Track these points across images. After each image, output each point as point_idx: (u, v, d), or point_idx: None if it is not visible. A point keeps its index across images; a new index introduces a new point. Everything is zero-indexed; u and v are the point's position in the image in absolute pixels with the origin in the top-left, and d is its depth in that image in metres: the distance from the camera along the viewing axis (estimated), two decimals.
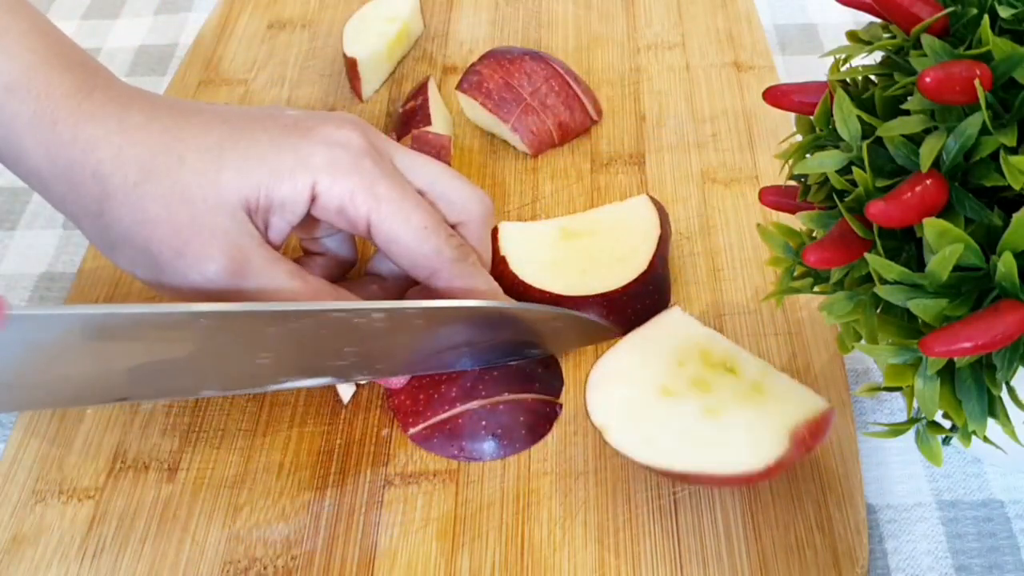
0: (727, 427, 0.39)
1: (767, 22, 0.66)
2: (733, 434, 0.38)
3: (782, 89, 0.37)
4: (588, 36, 0.64)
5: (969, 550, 0.40)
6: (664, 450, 0.38)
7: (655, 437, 0.39)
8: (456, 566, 0.39)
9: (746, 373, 0.41)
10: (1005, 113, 0.30)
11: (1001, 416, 0.31)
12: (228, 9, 0.69)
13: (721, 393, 0.40)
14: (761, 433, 0.38)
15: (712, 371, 0.41)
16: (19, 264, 0.54)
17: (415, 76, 0.62)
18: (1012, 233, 0.28)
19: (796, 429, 0.38)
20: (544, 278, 0.46)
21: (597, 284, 0.46)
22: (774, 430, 0.38)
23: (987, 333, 0.28)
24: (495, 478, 0.42)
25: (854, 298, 0.33)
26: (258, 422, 0.45)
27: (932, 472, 0.42)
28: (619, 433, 0.39)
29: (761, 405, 0.39)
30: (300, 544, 0.40)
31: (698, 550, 0.39)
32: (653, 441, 0.38)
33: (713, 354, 0.42)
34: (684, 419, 0.39)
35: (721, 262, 0.49)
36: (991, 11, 0.31)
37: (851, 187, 0.33)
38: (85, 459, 0.44)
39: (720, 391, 0.40)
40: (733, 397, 0.40)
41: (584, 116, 0.56)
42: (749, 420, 0.39)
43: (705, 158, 0.55)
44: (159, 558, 0.40)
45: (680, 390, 0.40)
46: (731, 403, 0.40)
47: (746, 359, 0.42)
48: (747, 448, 0.37)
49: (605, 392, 0.41)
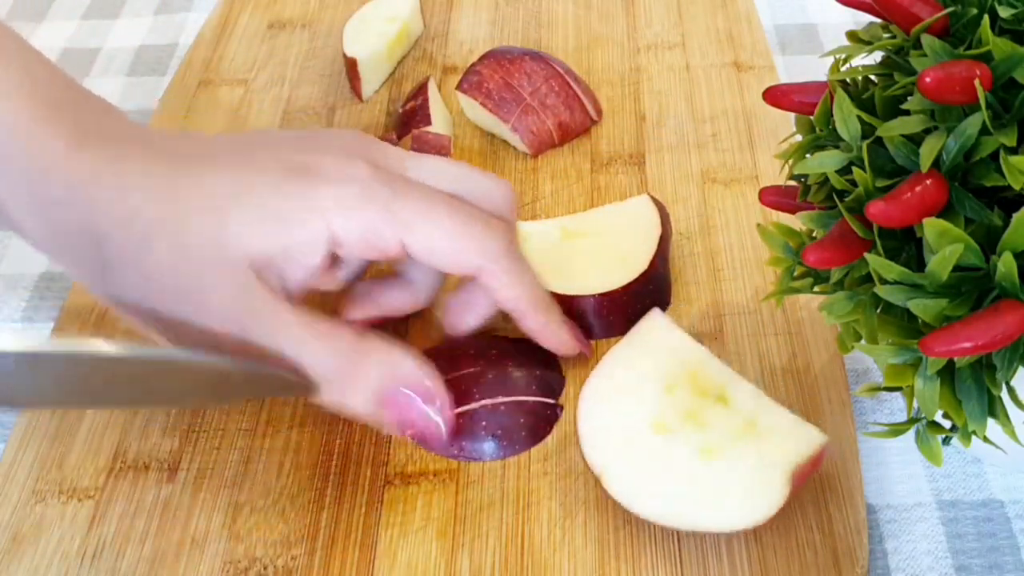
0: (725, 473, 0.38)
1: (767, 22, 0.66)
2: (732, 483, 0.37)
3: (782, 89, 0.37)
4: (588, 36, 0.64)
5: (969, 550, 0.40)
6: (664, 505, 0.38)
7: (653, 487, 0.38)
8: (456, 566, 0.39)
9: (738, 403, 0.40)
10: (1005, 113, 0.30)
11: (1001, 416, 0.31)
12: (228, 9, 0.69)
13: (715, 430, 0.39)
14: (761, 480, 0.37)
15: (703, 400, 0.40)
16: (19, 264, 0.54)
17: (415, 76, 0.62)
18: (1012, 233, 0.28)
19: (796, 470, 0.37)
20: (545, 277, 0.46)
21: (597, 283, 0.46)
22: (774, 476, 0.37)
23: (987, 333, 0.28)
24: (495, 478, 0.42)
25: (854, 298, 0.33)
26: (258, 422, 0.45)
27: (932, 472, 0.42)
28: (617, 482, 0.38)
29: (758, 446, 0.38)
30: (300, 544, 0.40)
31: (698, 550, 0.39)
32: (652, 492, 0.38)
33: (702, 378, 0.41)
34: (680, 463, 0.38)
35: (721, 262, 0.49)
36: (991, 11, 0.31)
37: (851, 187, 0.33)
38: (85, 459, 0.44)
39: (714, 427, 0.39)
40: (728, 436, 0.39)
41: (584, 116, 0.56)
42: (748, 464, 0.38)
43: (705, 158, 0.55)
44: (159, 558, 0.40)
45: (673, 425, 0.39)
46: (726, 443, 0.39)
47: (737, 384, 0.41)
48: (748, 498, 0.37)
49: (597, 426, 0.40)
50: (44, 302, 0.52)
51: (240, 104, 0.61)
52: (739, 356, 0.45)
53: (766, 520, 0.37)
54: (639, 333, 0.43)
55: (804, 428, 0.39)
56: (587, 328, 0.46)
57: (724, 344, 0.46)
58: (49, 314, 0.51)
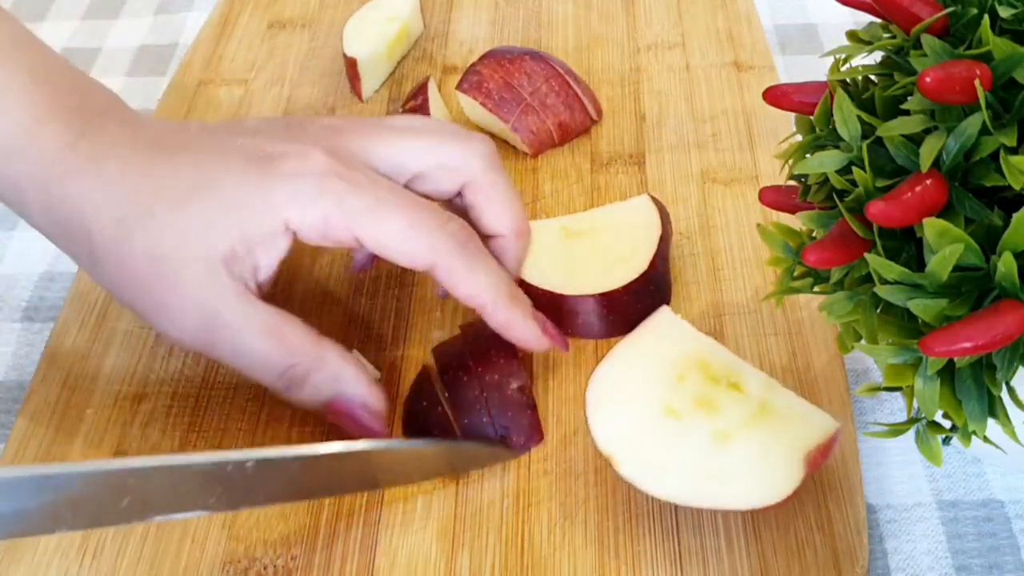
0: (740, 456, 0.38)
1: (767, 22, 0.66)
2: (748, 464, 0.37)
3: (782, 89, 0.37)
4: (588, 36, 0.64)
5: (969, 550, 0.40)
6: (677, 483, 0.37)
7: (665, 468, 0.38)
8: (456, 566, 0.39)
9: (750, 389, 0.40)
10: (1005, 113, 0.30)
11: (1001, 416, 0.31)
12: (228, 9, 0.69)
13: (729, 415, 0.39)
14: (776, 462, 0.37)
15: (715, 387, 0.40)
16: (19, 264, 0.54)
17: (415, 76, 0.62)
18: (1012, 233, 0.28)
19: (809, 454, 0.37)
20: (545, 277, 0.46)
21: (598, 283, 0.46)
22: (789, 458, 0.37)
23: (987, 333, 0.28)
24: (495, 478, 0.42)
25: (854, 298, 0.33)
26: (258, 422, 0.45)
27: (932, 472, 0.42)
28: (628, 464, 0.38)
29: (772, 429, 0.38)
30: (300, 544, 0.40)
31: (698, 550, 0.39)
32: (664, 473, 0.38)
33: (713, 366, 0.41)
34: (694, 447, 0.38)
35: (721, 262, 0.49)
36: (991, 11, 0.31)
37: (851, 187, 0.33)
38: (85, 459, 0.44)
39: (727, 413, 0.39)
40: (742, 420, 0.39)
41: (584, 116, 0.56)
42: (762, 447, 0.38)
43: (705, 158, 0.55)
44: (159, 558, 0.40)
45: (685, 411, 0.39)
46: (741, 427, 0.39)
47: (748, 372, 0.41)
48: (763, 480, 0.37)
49: (608, 414, 0.40)
50: (44, 302, 0.52)
51: (240, 104, 0.61)
52: (739, 356, 0.45)
53: (783, 499, 0.37)
54: (647, 326, 0.43)
55: (817, 414, 0.39)
56: (588, 328, 0.46)
57: (724, 344, 0.46)
58: (49, 314, 0.51)
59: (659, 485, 0.38)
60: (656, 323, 0.43)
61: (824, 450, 0.38)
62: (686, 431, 0.39)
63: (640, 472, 0.38)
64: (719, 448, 0.38)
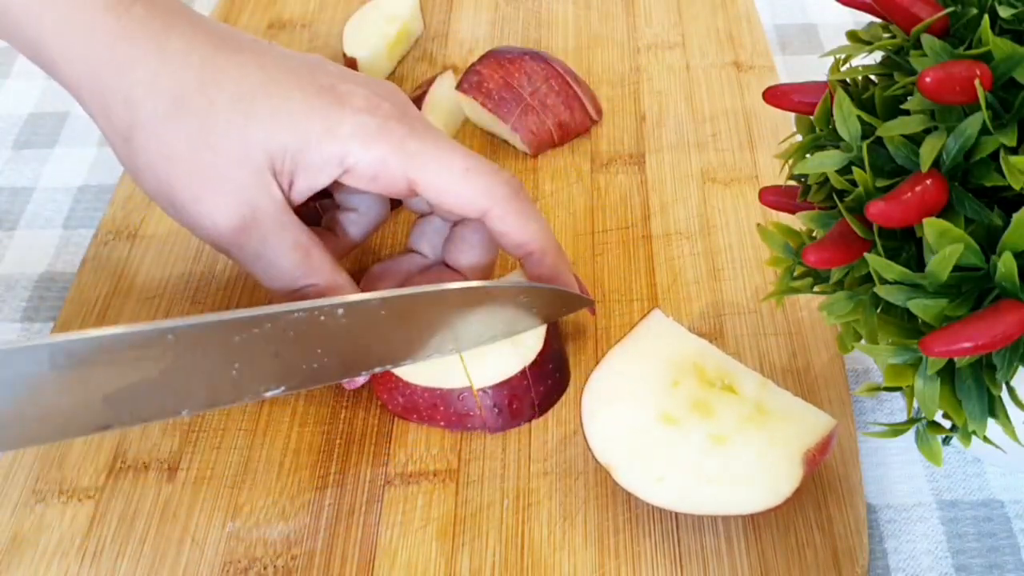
0: (738, 458, 0.38)
1: (767, 22, 0.66)
2: (746, 467, 0.37)
3: (782, 89, 0.37)
4: (588, 36, 0.64)
5: (969, 550, 0.40)
6: (678, 492, 0.37)
7: (665, 475, 0.38)
8: (456, 566, 0.39)
9: (745, 390, 0.40)
10: (1005, 113, 0.30)
11: (1001, 416, 0.31)
12: (228, 9, 0.69)
13: (725, 417, 0.39)
14: (775, 462, 0.37)
15: (710, 390, 0.40)
16: (19, 264, 0.54)
17: (415, 76, 0.62)
18: (1012, 233, 0.28)
19: (807, 453, 0.37)
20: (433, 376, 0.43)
21: (493, 373, 0.42)
22: (788, 458, 0.37)
23: (987, 333, 0.28)
24: (495, 478, 0.42)
25: (854, 298, 0.33)
26: (258, 422, 0.45)
27: (932, 472, 0.42)
28: (627, 475, 0.38)
29: (769, 430, 0.38)
30: (300, 544, 0.40)
31: (698, 550, 0.39)
32: (664, 482, 0.38)
33: (707, 369, 0.41)
34: (691, 451, 0.38)
35: (721, 262, 0.49)
36: (991, 11, 0.31)
37: (851, 187, 0.33)
38: (85, 459, 0.44)
39: (723, 415, 0.39)
40: (738, 422, 0.39)
41: (584, 116, 0.56)
42: (760, 449, 0.38)
43: (705, 158, 0.55)
44: (159, 558, 0.40)
45: (681, 416, 0.39)
46: (737, 429, 0.39)
47: (742, 373, 0.41)
48: (763, 482, 0.37)
49: (604, 424, 0.40)
50: (44, 302, 0.52)
51: None
52: (739, 356, 0.45)
53: (783, 502, 0.37)
54: (640, 332, 0.43)
55: (813, 412, 0.39)
56: (484, 422, 0.43)
57: (724, 344, 0.46)
58: (49, 314, 0.51)
59: (659, 495, 0.38)
60: (648, 326, 0.43)
61: (822, 448, 0.38)
62: (683, 437, 0.39)
63: (640, 482, 0.38)
64: (717, 452, 0.38)
